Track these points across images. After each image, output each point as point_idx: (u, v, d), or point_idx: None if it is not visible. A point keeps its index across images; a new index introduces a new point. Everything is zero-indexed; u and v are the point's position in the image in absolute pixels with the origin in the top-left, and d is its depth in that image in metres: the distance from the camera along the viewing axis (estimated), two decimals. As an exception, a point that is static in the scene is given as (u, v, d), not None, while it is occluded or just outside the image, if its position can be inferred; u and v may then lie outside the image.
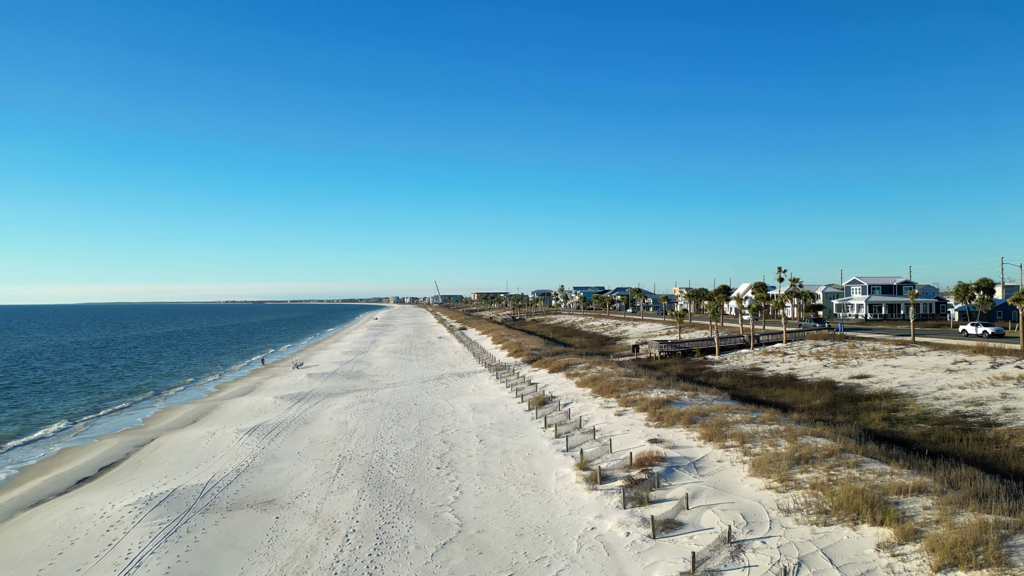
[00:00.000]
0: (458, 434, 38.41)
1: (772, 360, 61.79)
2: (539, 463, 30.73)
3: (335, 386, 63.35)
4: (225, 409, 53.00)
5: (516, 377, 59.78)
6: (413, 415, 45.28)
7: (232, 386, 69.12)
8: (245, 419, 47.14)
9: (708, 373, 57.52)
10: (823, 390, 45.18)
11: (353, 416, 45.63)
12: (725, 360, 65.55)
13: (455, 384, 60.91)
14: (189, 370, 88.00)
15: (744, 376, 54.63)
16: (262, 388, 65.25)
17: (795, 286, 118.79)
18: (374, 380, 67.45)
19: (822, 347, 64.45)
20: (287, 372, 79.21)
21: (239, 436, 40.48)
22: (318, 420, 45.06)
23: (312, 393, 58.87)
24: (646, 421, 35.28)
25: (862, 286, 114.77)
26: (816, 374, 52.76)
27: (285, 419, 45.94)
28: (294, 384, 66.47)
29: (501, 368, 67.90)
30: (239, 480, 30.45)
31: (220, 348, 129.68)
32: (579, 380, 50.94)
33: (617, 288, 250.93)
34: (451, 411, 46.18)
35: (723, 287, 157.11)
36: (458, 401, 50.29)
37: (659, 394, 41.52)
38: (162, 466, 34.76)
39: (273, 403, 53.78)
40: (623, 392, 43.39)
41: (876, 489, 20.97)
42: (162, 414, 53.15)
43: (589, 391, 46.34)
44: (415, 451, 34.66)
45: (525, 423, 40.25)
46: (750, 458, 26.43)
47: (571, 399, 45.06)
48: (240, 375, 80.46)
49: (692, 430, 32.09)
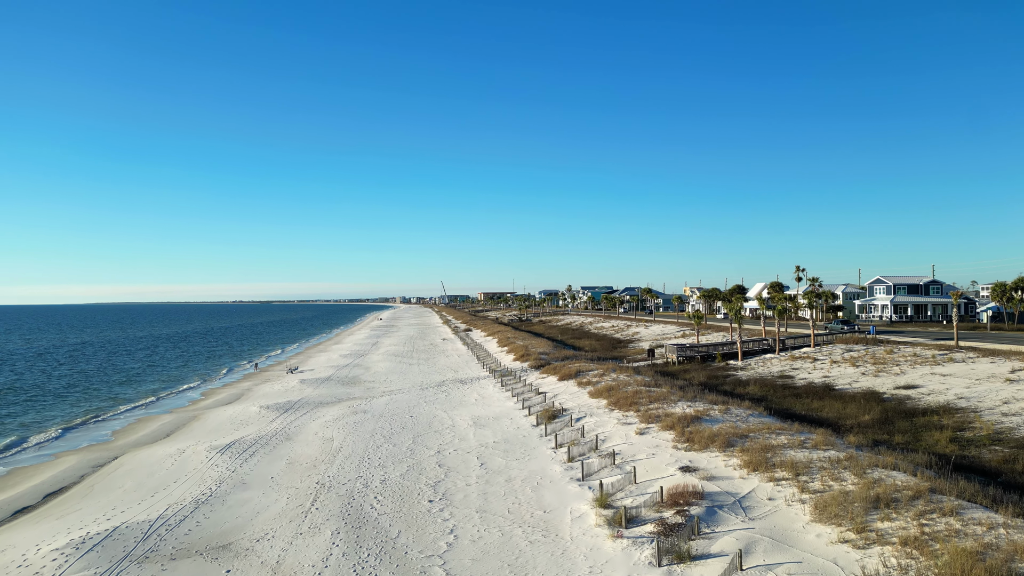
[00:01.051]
0: (456, 455, 33.59)
1: (802, 367, 56.66)
2: (550, 496, 25.88)
3: (327, 394, 58.70)
4: (204, 421, 48.43)
5: (522, 385, 54.95)
6: (407, 430, 40.53)
7: (219, 393, 64.61)
8: (222, 433, 42.53)
9: (734, 381, 52.48)
10: (869, 403, 40.09)
11: (341, 431, 40.92)
12: (749, 366, 60.47)
13: (456, 392, 56.13)
14: (179, 374, 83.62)
15: (774, 385, 49.58)
16: (249, 396, 60.68)
17: (814, 286, 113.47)
18: (370, 387, 62.77)
19: (855, 352, 59.26)
20: (280, 377, 74.67)
21: (210, 455, 35.84)
22: (301, 435, 40.37)
23: (301, 402, 54.22)
24: (674, 442, 30.36)
25: (886, 286, 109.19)
26: (855, 383, 47.63)
27: (266, 434, 41.29)
28: (284, 391, 61.88)
29: (506, 374, 63.08)
30: (196, 515, 25.75)
31: (217, 350, 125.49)
32: (592, 390, 46.06)
33: (626, 288, 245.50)
34: (450, 425, 41.40)
35: (737, 287, 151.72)
36: (458, 413, 45.52)
37: (685, 408, 36.60)
38: (115, 493, 30.17)
39: (257, 414, 49.17)
40: (643, 405, 38.50)
41: (994, 551, 16.03)
42: (136, 426, 48.63)
43: (604, 403, 41.44)
44: (405, 477, 29.88)
45: (533, 441, 35.41)
46: (810, 496, 21.50)
47: (584, 412, 40.20)
48: (230, 380, 75.99)
49: (730, 455, 27.18)
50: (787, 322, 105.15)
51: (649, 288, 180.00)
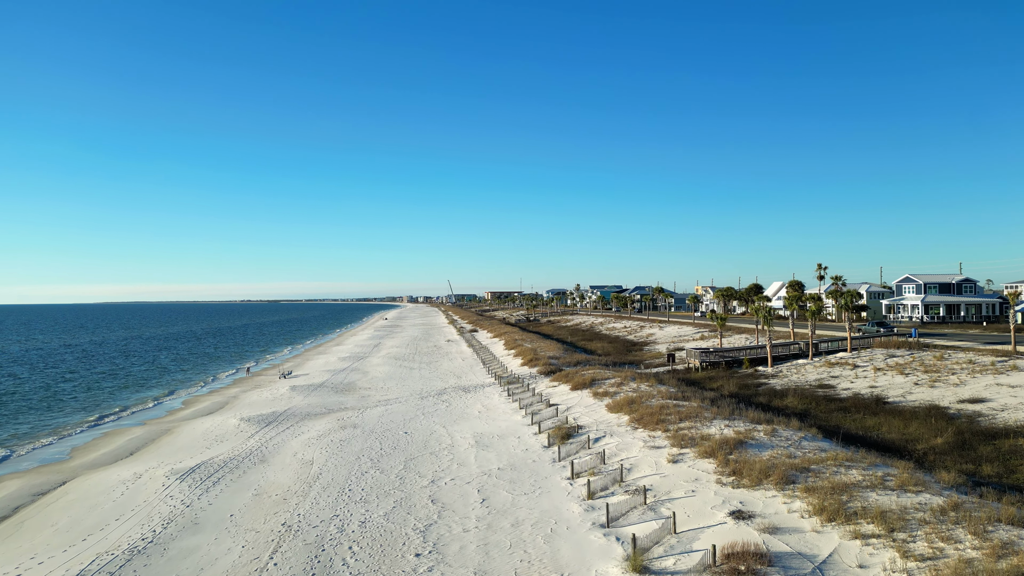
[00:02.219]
0: (454, 486, 28.31)
1: (842, 374, 51.02)
2: (567, 550, 20.54)
3: (317, 403, 53.62)
4: (176, 436, 43.42)
5: (531, 394, 49.63)
6: (400, 451, 35.29)
7: (202, 401, 59.66)
8: (191, 452, 37.48)
9: (768, 392, 46.95)
10: (935, 421, 34.46)
11: (323, 452, 35.75)
12: (781, 373, 54.87)
13: (458, 402, 50.90)
14: (166, 379, 78.83)
15: (814, 396, 44.02)
16: (233, 405, 55.69)
17: (837, 284, 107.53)
18: (365, 395, 57.64)
19: (899, 358, 53.56)
20: (271, 383, 69.72)
21: (168, 482, 30.76)
22: (278, 457, 35.24)
23: (287, 414, 49.14)
24: (716, 474, 24.97)
25: (916, 284, 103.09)
26: (909, 395, 42.00)
27: (239, 454, 36.19)
28: (272, 400, 56.86)
29: (513, 381, 57.79)
30: (124, 572, 20.62)
31: (215, 352, 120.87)
32: (611, 402, 40.68)
33: (636, 287, 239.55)
34: (448, 444, 36.14)
35: (754, 286, 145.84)
36: (459, 429, 40.26)
37: (723, 428, 31.19)
38: (44, 533, 25.13)
39: (235, 428, 44.14)
40: (672, 423, 33.10)
41: None
42: (100, 441, 43.68)
43: (626, 419, 36.05)
44: (391, 518, 24.63)
45: (544, 468, 30.09)
46: (917, 566, 16.08)
47: (603, 430, 34.84)
48: (219, 386, 71.08)
49: (792, 495, 21.77)
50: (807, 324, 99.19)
51: (661, 287, 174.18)
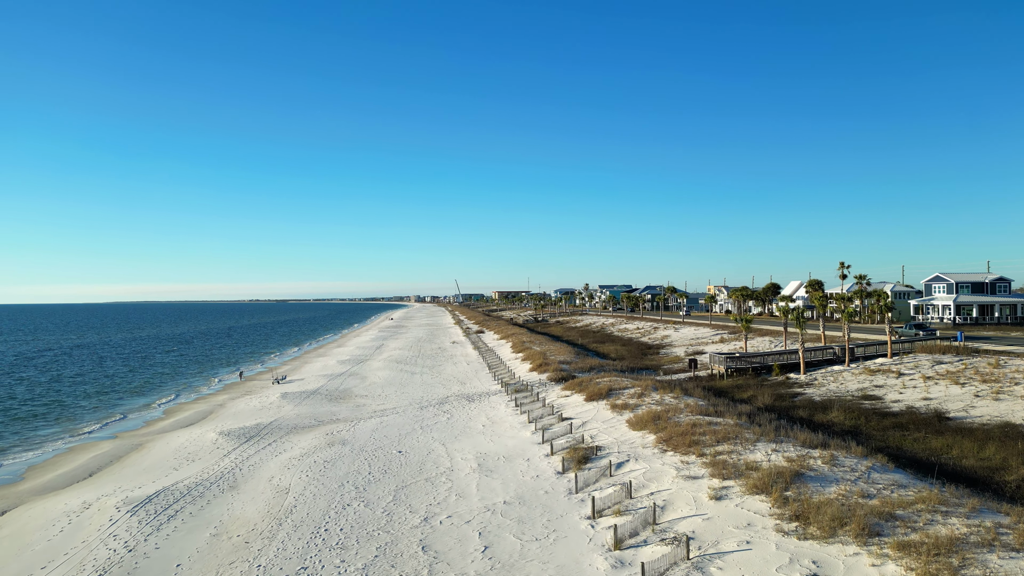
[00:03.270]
0: (451, 526, 23.56)
1: (887, 383, 45.93)
2: (594, 630, 15.74)
3: (307, 414, 49.06)
4: (144, 453, 38.93)
5: (541, 405, 44.84)
6: (391, 476, 30.58)
7: (185, 410, 55.22)
8: (154, 475, 32.96)
9: (806, 403, 41.96)
10: (1015, 442, 29.40)
11: (303, 475, 31.10)
12: (816, 381, 49.82)
13: (461, 413, 46.19)
14: (155, 384, 74.57)
15: (860, 410, 39.00)
16: (217, 415, 51.22)
17: (862, 284, 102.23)
18: (360, 404, 53.04)
19: (948, 364, 48.40)
20: (262, 389, 65.28)
21: (117, 516, 26.22)
22: (251, 482, 30.62)
23: (272, 426, 44.60)
24: (774, 518, 20.11)
25: (947, 284, 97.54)
26: (972, 409, 36.91)
27: (208, 477, 31.62)
28: (259, 409, 52.36)
29: (521, 389, 53.02)
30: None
31: (212, 354, 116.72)
32: (632, 417, 35.82)
33: (647, 287, 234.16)
34: (447, 468, 31.40)
35: (772, 285, 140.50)
36: (460, 447, 35.53)
37: (769, 453, 26.32)
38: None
39: (212, 443, 39.61)
40: (707, 445, 28.26)
41: None
42: (61, 459, 39.23)
43: (652, 439, 31.20)
44: (370, 572, 19.91)
45: (558, 503, 25.29)
46: None
47: (626, 452, 30.01)
48: (207, 392, 66.69)
49: (881, 554, 16.92)
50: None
51: (673, 287, 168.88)
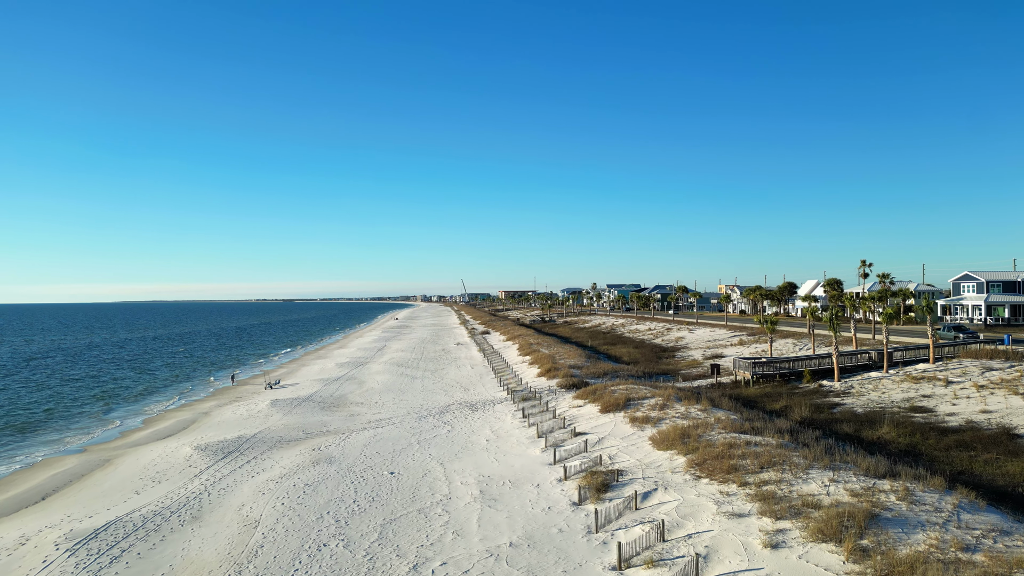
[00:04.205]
0: (445, 576, 19.36)
1: (934, 392, 41.41)
2: None
3: (296, 424, 45.01)
4: (109, 471, 34.91)
5: (551, 416, 40.62)
6: (379, 504, 26.41)
7: (166, 419, 51.26)
8: (111, 500, 28.93)
9: (848, 416, 37.51)
10: (1113, 469, 24.91)
11: (279, 503, 26.98)
12: (853, 389, 45.34)
13: (463, 424, 42.01)
14: (143, 388, 70.75)
15: (911, 424, 34.52)
16: (199, 425, 47.24)
17: (885, 283, 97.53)
18: (354, 413, 48.96)
19: (1000, 371, 43.84)
20: (253, 395, 61.34)
21: (54, 555, 22.18)
22: (218, 511, 26.53)
23: (256, 439, 40.56)
24: (852, 579, 15.81)
25: (977, 283, 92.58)
26: (1044, 425, 32.39)
27: (171, 504, 27.58)
28: (245, 418, 48.36)
29: (529, 397, 48.80)
30: None
31: (210, 355, 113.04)
32: (656, 434, 31.51)
33: (656, 286, 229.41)
34: (444, 495, 27.20)
35: (789, 284, 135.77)
36: (461, 467, 31.32)
37: (826, 483, 21.99)
38: None
39: (184, 460, 35.59)
40: (749, 471, 23.96)
41: None
42: (18, 478, 35.20)
43: (682, 462, 26.90)
44: (340, 646, 15.75)
45: (576, 547, 21.02)
46: None
47: (652, 478, 25.74)
48: (195, 398, 62.75)
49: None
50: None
51: (684, 286, 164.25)
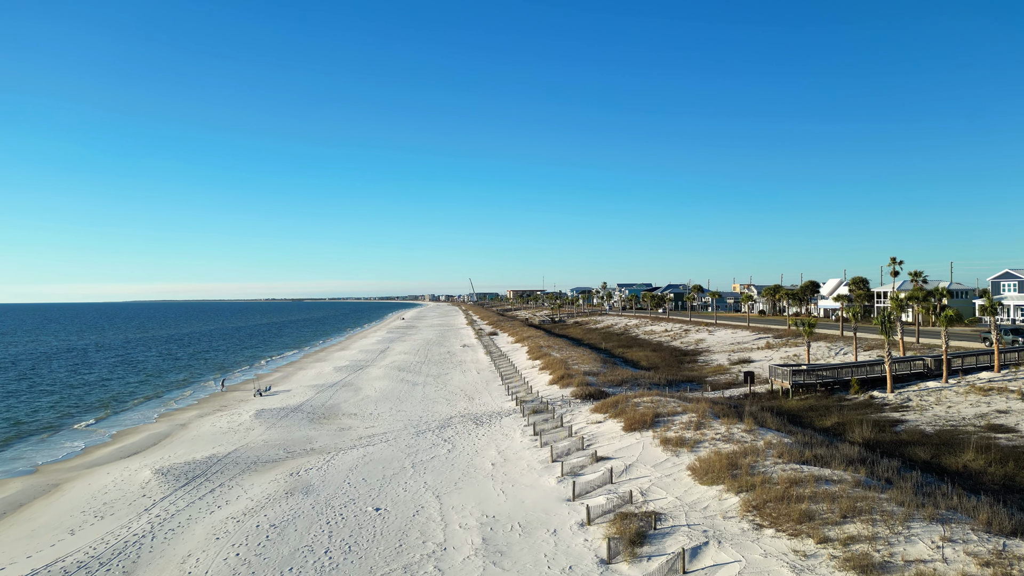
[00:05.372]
0: None
1: (1010, 407, 35.67)
2: None
3: (278, 440, 39.86)
4: (50, 501, 29.78)
5: (568, 435, 35.20)
6: (355, 559, 21.05)
7: (138, 433, 46.21)
8: (36, 543, 23.79)
9: (915, 436, 31.84)
10: None
11: (234, 553, 21.71)
12: (912, 402, 39.65)
13: (465, 443, 36.70)
14: (125, 396, 65.86)
15: (998, 448, 28.79)
16: (171, 440, 42.19)
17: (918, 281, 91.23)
18: (345, 427, 43.77)
19: (1084, 382, 38.03)
20: (239, 403, 56.33)
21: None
22: (155, 565, 21.28)
23: (228, 459, 35.40)
24: None
25: (1019, 281, 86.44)
26: None
27: (104, 551, 22.41)
28: (223, 432, 43.28)
29: (540, 409, 43.43)
30: None
31: (207, 357, 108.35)
32: (696, 463, 26.03)
33: (669, 285, 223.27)
34: (437, 544, 21.83)
35: (811, 283, 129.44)
36: (460, 503, 25.97)
37: (940, 545, 16.53)
38: None
39: (140, 488, 30.48)
40: (827, 520, 18.50)
41: None
42: (-55, 507, 30.31)
43: (735, 502, 21.43)
44: None
45: (610, 631, 15.61)
46: None
47: (701, 529, 20.30)
48: (177, 406, 57.76)
49: None
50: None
51: (699, 285, 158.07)
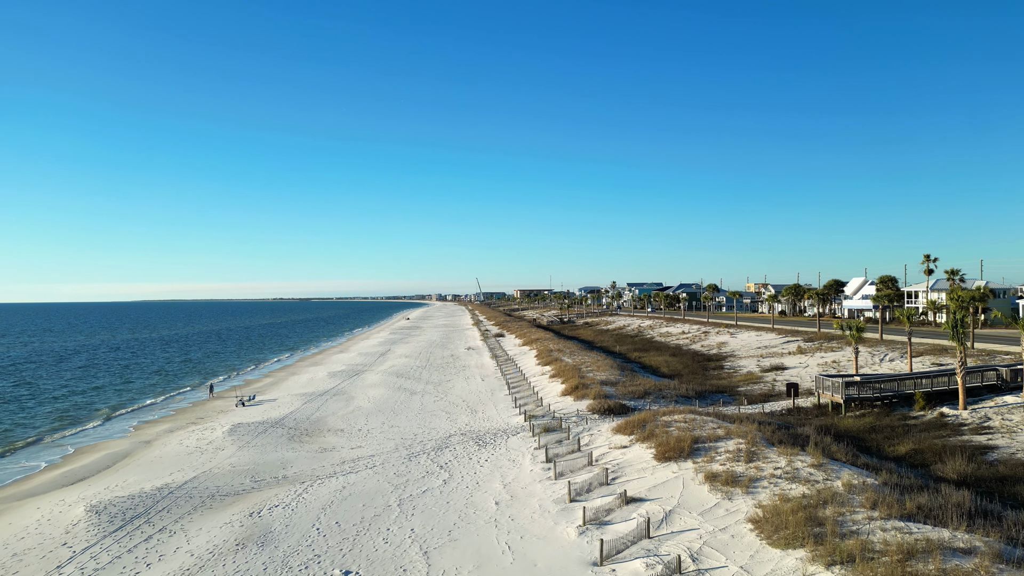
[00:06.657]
0: None
1: (1124, 432, 29.50)
2: None
3: (247, 465, 34.22)
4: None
5: (587, 463, 29.34)
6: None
7: (90, 454, 40.66)
8: None
9: (1016, 468, 25.79)
10: None
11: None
12: (993, 422, 33.53)
13: (465, 470, 30.92)
14: (97, 404, 60.52)
15: None
16: (126, 463, 36.65)
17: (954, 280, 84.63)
18: (327, 447, 38.10)
19: None
20: (217, 415, 50.87)
21: None
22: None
23: (183, 491, 29.76)
24: None
25: (1069, 280, 79.64)
26: None
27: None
28: (189, 452, 37.73)
29: (553, 428, 37.61)
30: None
31: (205, 360, 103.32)
32: (759, 512, 20.13)
33: (680, 284, 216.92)
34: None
35: (835, 282, 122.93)
36: (454, 565, 20.18)
37: None
38: None
39: (64, 532, 24.91)
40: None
41: None
42: None
43: (827, 584, 15.50)
44: None
45: None
46: None
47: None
48: (147, 419, 52.22)
49: None
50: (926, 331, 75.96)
51: (714, 284, 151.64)
